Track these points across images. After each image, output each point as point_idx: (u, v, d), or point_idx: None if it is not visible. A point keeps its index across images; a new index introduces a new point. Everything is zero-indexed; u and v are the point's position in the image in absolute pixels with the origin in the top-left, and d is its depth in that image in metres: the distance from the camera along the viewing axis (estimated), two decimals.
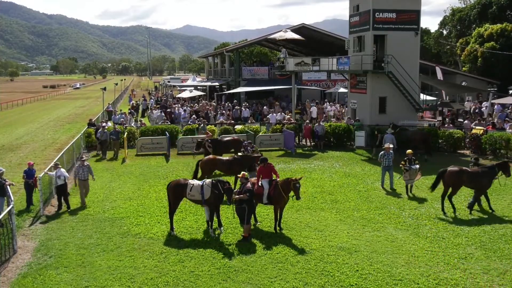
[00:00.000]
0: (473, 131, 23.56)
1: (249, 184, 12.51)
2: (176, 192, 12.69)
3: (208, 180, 12.66)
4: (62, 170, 15.23)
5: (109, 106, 42.08)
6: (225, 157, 17.63)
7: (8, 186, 13.35)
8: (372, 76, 26.06)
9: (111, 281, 9.95)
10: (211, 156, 17.66)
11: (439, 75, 33.42)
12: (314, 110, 32.40)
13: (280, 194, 12.42)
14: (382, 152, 17.19)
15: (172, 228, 12.65)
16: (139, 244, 11.92)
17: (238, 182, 13.06)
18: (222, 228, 12.66)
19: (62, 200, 14.96)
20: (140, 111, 43.64)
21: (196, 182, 12.74)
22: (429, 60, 45.23)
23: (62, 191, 14.93)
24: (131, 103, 44.42)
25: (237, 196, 11.98)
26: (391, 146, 17.78)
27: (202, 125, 26.25)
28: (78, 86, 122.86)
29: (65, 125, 38.45)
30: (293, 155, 23.66)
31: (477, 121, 25.32)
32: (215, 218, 12.66)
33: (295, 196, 12.28)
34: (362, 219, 13.65)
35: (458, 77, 40.75)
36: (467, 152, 23.64)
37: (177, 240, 12.15)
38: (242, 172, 13.36)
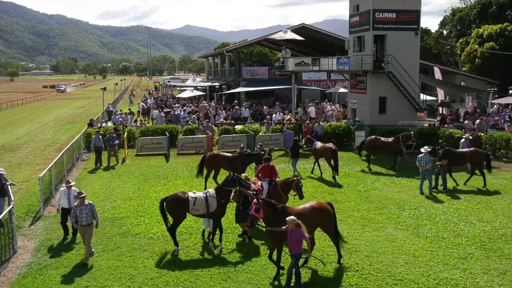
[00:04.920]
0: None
1: (253, 186, 12.42)
2: (177, 208, 11.30)
3: (211, 190, 11.63)
4: (74, 189, 12.45)
5: (109, 106, 42.07)
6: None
7: (9, 186, 13.33)
8: (372, 76, 26.06)
9: (111, 281, 9.95)
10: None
11: (437, 75, 33.45)
12: (312, 110, 32.37)
13: (280, 194, 12.41)
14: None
15: (176, 244, 11.41)
16: (139, 244, 11.91)
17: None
18: (221, 243, 11.68)
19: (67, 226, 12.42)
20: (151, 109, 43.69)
21: (198, 194, 11.45)
22: (429, 60, 45.23)
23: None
24: (140, 106, 43.31)
25: (242, 191, 11.70)
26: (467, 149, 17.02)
27: (204, 124, 26.37)
28: (63, 89, 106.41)
29: (65, 125, 38.45)
30: None
31: (479, 120, 25.21)
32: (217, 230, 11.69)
33: (297, 196, 12.27)
34: (362, 219, 13.65)
35: (458, 77, 40.76)
36: None
37: (177, 240, 12.12)
38: (243, 174, 13.31)
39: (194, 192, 11.61)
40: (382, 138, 20.77)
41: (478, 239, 11.97)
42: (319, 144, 19.96)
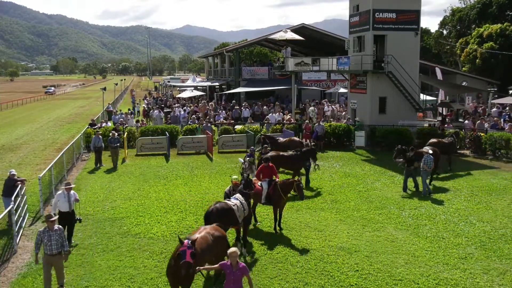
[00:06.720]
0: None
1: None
2: (229, 217, 10.48)
3: (239, 195, 11.26)
4: (74, 192, 11.64)
5: (109, 106, 42.09)
6: None
7: (19, 186, 13.29)
8: (372, 76, 26.06)
9: (111, 281, 9.95)
10: None
11: (439, 76, 33.44)
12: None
13: (279, 194, 12.42)
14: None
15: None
16: (139, 244, 11.91)
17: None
18: (245, 250, 11.28)
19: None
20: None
21: (234, 201, 10.91)
22: (429, 60, 45.21)
23: (69, 219, 11.44)
24: (143, 106, 42.94)
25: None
26: None
27: (204, 124, 26.35)
28: (52, 90, 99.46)
29: (65, 125, 38.43)
30: None
31: (479, 121, 25.21)
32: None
33: (299, 196, 12.36)
34: (362, 219, 13.65)
35: (458, 77, 40.78)
36: (467, 152, 23.64)
37: (177, 240, 12.11)
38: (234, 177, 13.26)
39: (229, 200, 11.08)
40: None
41: (478, 239, 11.98)
42: (281, 139, 20.65)
